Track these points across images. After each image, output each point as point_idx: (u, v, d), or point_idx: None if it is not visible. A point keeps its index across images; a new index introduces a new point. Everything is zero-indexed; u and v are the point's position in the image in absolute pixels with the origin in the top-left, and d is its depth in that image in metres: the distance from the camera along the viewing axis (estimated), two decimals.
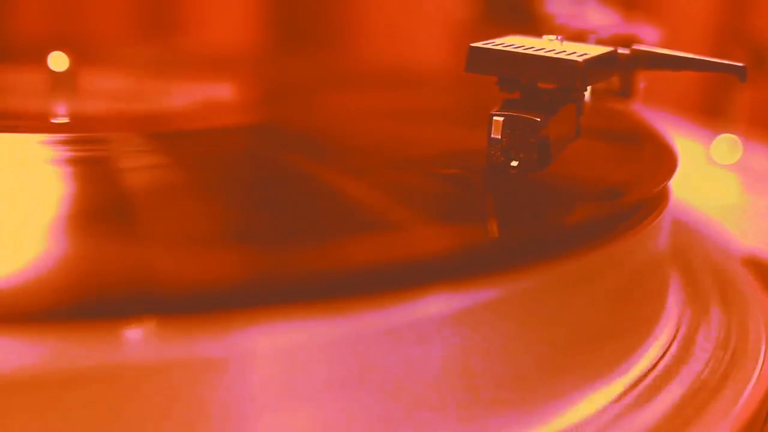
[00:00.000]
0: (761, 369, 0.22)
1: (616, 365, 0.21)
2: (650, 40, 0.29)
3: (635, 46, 0.23)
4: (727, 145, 0.43)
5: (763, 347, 0.23)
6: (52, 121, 0.32)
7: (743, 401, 0.20)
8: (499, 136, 0.21)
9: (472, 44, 0.22)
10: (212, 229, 0.19)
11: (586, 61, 0.21)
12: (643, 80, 0.26)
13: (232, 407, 0.15)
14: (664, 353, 0.22)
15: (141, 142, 0.27)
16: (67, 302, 0.15)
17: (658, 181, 0.23)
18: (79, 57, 0.34)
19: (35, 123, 0.30)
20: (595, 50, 0.22)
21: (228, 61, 0.46)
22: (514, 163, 0.21)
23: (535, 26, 0.32)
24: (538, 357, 0.19)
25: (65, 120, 0.32)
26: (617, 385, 0.20)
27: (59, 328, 0.14)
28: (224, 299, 0.15)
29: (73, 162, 0.24)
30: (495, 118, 0.22)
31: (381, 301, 0.16)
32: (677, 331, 0.23)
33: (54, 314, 0.15)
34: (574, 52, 0.21)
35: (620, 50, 0.23)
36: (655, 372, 0.21)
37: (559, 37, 0.23)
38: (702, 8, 0.62)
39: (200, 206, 0.21)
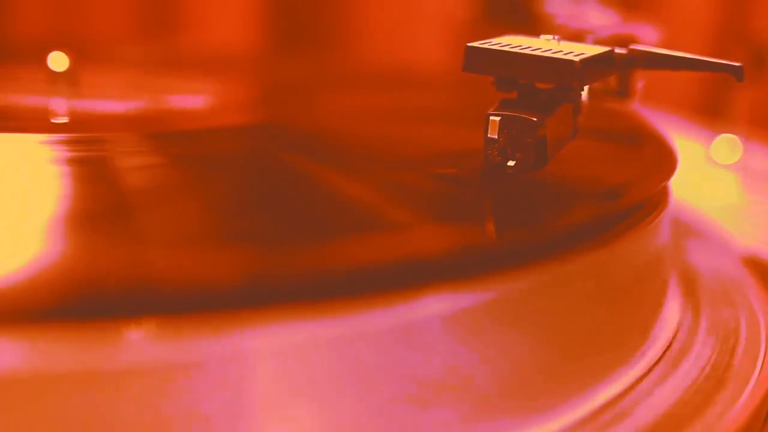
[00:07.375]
0: (761, 369, 0.22)
1: (615, 365, 0.21)
2: (649, 40, 0.29)
3: (632, 46, 0.23)
4: (727, 145, 0.43)
5: (763, 347, 0.23)
6: (52, 121, 0.32)
7: (743, 401, 0.20)
8: (496, 136, 0.21)
9: (469, 44, 0.22)
10: (212, 230, 0.19)
11: (582, 60, 0.21)
12: (641, 80, 0.26)
13: (232, 408, 0.15)
14: (664, 353, 0.22)
15: (141, 142, 0.27)
16: (65, 302, 0.15)
17: (658, 181, 0.23)
18: (79, 57, 0.34)
19: (35, 123, 0.30)
20: (592, 50, 0.22)
21: (228, 61, 0.46)
22: (511, 163, 0.21)
23: (534, 26, 0.32)
24: (535, 357, 0.19)
25: (65, 120, 0.32)
26: (617, 385, 0.20)
27: (57, 328, 0.14)
28: (223, 300, 0.15)
29: (73, 162, 0.24)
30: (491, 117, 0.22)
31: (380, 302, 0.16)
32: (676, 331, 0.23)
33: (52, 314, 0.15)
34: (571, 52, 0.21)
35: (617, 50, 0.23)
36: (655, 371, 0.21)
37: (556, 37, 0.23)
38: (702, 8, 0.62)
39: (200, 206, 0.21)
